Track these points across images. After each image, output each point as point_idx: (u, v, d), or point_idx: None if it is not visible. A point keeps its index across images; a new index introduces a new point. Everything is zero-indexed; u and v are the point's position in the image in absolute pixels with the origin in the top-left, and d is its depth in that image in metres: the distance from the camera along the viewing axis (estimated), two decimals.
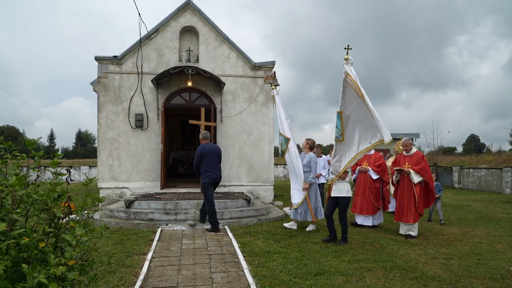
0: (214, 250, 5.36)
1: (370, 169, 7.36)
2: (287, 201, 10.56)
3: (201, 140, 7.03)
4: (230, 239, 5.98)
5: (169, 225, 6.98)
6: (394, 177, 6.84)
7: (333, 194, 6.02)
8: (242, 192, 9.60)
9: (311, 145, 7.18)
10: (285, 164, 27.19)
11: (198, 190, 8.74)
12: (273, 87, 7.99)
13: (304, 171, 6.94)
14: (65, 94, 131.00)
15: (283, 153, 7.24)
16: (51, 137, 59.10)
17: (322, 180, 9.67)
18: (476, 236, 6.45)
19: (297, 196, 6.96)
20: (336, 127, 6.18)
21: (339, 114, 6.05)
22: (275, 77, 10.16)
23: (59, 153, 2.49)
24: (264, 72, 10.46)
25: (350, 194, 6.02)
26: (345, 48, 6.13)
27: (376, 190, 7.32)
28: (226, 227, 6.83)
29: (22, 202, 2.34)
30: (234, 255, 5.07)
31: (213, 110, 10.06)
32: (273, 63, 10.51)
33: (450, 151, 40.76)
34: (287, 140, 7.15)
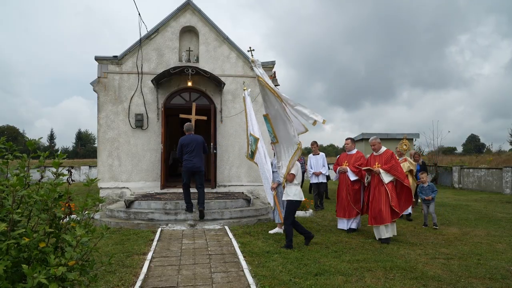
0: (214, 250, 5.36)
1: (348, 169, 6.82)
2: None
3: (184, 131, 7.54)
4: (230, 239, 5.98)
5: (169, 225, 6.98)
6: (365, 179, 6.52)
7: (283, 198, 5.83)
8: (242, 192, 9.60)
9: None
10: None
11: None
12: (245, 88, 7.77)
13: (272, 171, 6.76)
14: (65, 94, 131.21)
15: (253, 153, 7.16)
16: (51, 137, 59.10)
17: (321, 179, 9.54)
18: (476, 236, 6.45)
19: (270, 198, 6.77)
20: (268, 130, 6.28)
21: (266, 117, 6.11)
22: (275, 77, 10.16)
23: (60, 153, 2.49)
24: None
25: (297, 198, 5.63)
26: (248, 51, 6.23)
27: (354, 192, 6.74)
28: (226, 227, 6.84)
29: (22, 202, 2.34)
30: (234, 255, 5.07)
31: (213, 110, 10.05)
32: (273, 63, 10.50)
33: (450, 151, 40.73)
34: (256, 140, 7.07)
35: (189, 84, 9.75)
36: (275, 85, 10.22)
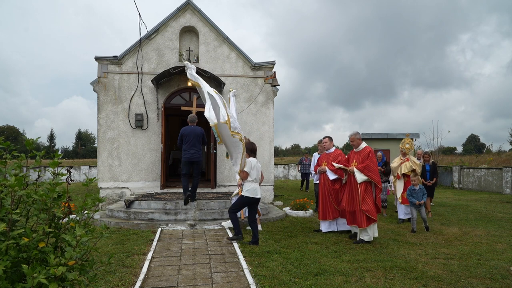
0: (214, 250, 5.36)
1: (327, 169, 6.60)
2: (287, 201, 10.56)
3: (187, 122, 7.84)
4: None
5: (169, 225, 6.97)
6: (344, 178, 6.36)
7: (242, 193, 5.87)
8: None
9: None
10: (285, 164, 26.90)
11: (198, 190, 8.76)
12: (231, 89, 8.07)
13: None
14: (66, 94, 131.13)
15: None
16: (51, 137, 59.07)
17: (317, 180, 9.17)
18: (476, 236, 6.44)
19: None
20: (213, 131, 6.51)
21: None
22: (274, 77, 10.16)
23: (59, 153, 2.49)
24: (264, 72, 10.46)
25: (248, 194, 5.62)
26: (180, 55, 6.35)
27: (335, 192, 6.54)
28: (226, 227, 6.84)
29: (21, 202, 2.33)
30: (234, 255, 5.07)
31: None
32: (273, 63, 10.51)
33: (450, 151, 40.78)
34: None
35: (189, 84, 9.71)
36: (275, 85, 10.24)
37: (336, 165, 6.45)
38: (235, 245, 5.56)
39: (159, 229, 6.61)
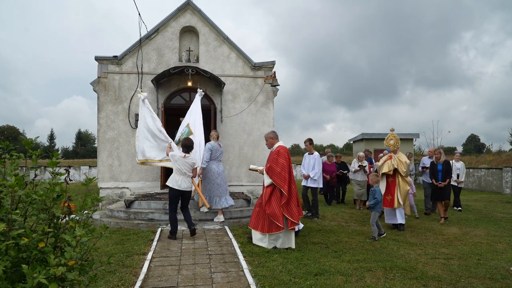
0: (214, 250, 5.36)
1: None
2: None
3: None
4: (230, 239, 5.98)
5: (169, 225, 6.97)
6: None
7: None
8: (242, 192, 9.59)
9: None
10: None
11: None
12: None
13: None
14: (66, 93, 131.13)
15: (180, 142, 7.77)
16: (51, 137, 59.08)
17: (310, 183, 8.18)
18: (476, 236, 6.44)
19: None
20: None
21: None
22: (274, 77, 10.15)
23: (58, 152, 2.48)
24: (264, 72, 10.46)
25: (170, 185, 6.00)
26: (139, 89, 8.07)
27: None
28: (226, 227, 6.84)
29: (21, 202, 2.33)
30: (234, 255, 5.07)
31: (213, 110, 10.05)
32: (273, 63, 10.50)
33: (450, 151, 40.73)
34: (190, 133, 7.96)
35: (189, 84, 9.74)
36: (275, 85, 10.23)
37: (252, 166, 6.29)
38: (235, 245, 5.56)
39: (159, 229, 6.61)
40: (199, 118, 8.18)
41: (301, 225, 6.38)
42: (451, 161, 9.93)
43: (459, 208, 9.67)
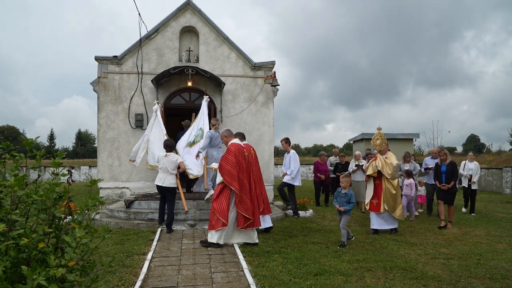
0: (214, 250, 5.36)
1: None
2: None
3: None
4: None
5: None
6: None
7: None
8: None
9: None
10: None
11: (198, 189, 8.76)
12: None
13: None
14: (66, 93, 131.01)
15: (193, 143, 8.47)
16: (51, 137, 59.05)
17: (288, 181, 8.35)
18: (476, 236, 6.44)
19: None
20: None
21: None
22: (274, 77, 10.15)
23: (59, 152, 2.48)
24: (264, 72, 10.46)
25: (155, 182, 6.73)
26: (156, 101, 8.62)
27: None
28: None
29: (21, 202, 2.33)
30: (234, 255, 5.07)
31: (213, 110, 10.05)
32: (273, 63, 10.50)
33: (450, 151, 40.74)
34: (203, 134, 8.39)
35: (189, 84, 9.74)
36: (275, 85, 10.23)
37: (213, 164, 6.68)
38: (235, 245, 5.56)
39: (159, 229, 6.61)
40: (207, 122, 8.62)
41: (270, 224, 6.62)
42: (464, 162, 9.63)
43: (473, 213, 9.09)
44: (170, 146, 6.97)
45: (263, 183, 6.44)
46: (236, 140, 5.93)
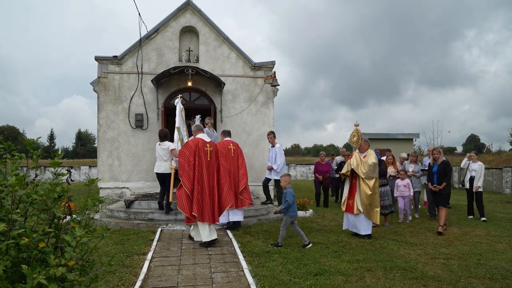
0: (214, 250, 5.36)
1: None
2: None
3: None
4: (230, 239, 5.98)
5: (169, 225, 6.97)
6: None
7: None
8: None
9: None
10: (286, 164, 27.25)
11: None
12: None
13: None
14: (66, 93, 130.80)
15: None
16: (51, 137, 59.04)
17: (274, 176, 8.27)
18: (476, 236, 6.44)
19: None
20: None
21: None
22: (274, 77, 10.16)
23: (57, 152, 2.48)
24: (264, 72, 10.47)
25: (154, 170, 7.46)
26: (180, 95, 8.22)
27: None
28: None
29: (21, 202, 2.33)
30: (234, 255, 5.07)
31: (213, 110, 10.05)
32: (273, 63, 10.51)
33: (450, 151, 40.78)
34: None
35: (189, 84, 9.74)
36: (275, 85, 10.24)
37: (174, 164, 7.16)
38: (235, 245, 5.56)
39: (159, 229, 6.61)
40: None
41: (241, 218, 6.80)
42: (468, 162, 9.01)
43: (483, 218, 8.23)
44: (161, 136, 7.47)
45: (243, 178, 6.72)
46: (201, 135, 5.91)
